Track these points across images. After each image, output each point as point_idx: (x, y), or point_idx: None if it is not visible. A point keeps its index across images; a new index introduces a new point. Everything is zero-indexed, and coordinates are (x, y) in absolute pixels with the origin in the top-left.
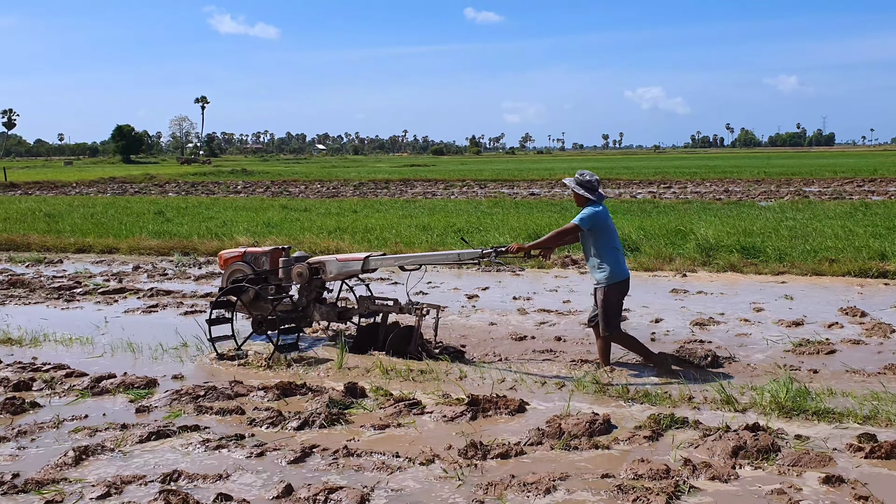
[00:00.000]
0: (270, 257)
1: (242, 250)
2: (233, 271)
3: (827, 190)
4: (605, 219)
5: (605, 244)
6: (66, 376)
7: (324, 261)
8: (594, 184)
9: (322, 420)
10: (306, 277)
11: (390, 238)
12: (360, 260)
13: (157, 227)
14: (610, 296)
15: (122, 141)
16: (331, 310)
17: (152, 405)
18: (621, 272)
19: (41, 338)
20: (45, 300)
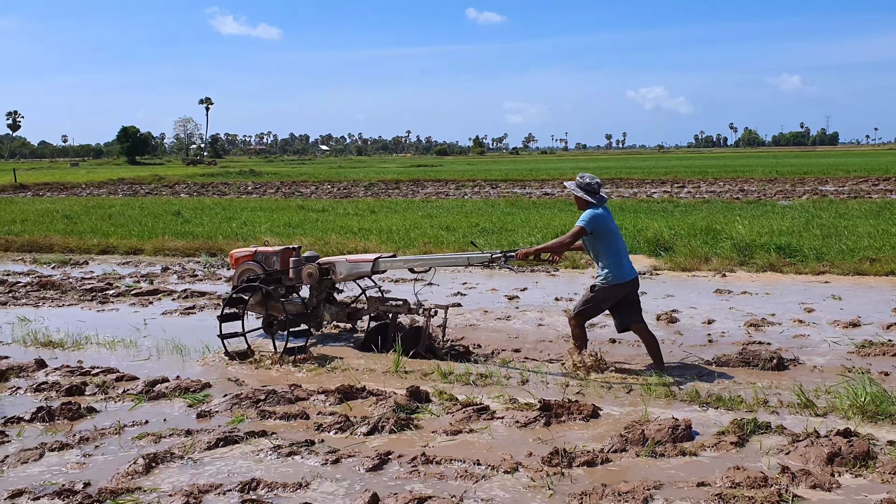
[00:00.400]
0: (281, 257)
1: (253, 249)
2: (243, 270)
3: (842, 189)
4: (605, 221)
5: (605, 247)
6: (116, 380)
7: (334, 261)
8: (594, 186)
9: (392, 425)
10: (317, 278)
11: (417, 238)
12: (370, 261)
13: (178, 228)
14: (600, 294)
15: (127, 142)
16: (341, 310)
17: (213, 410)
18: (621, 275)
19: (83, 340)
20: (78, 302)
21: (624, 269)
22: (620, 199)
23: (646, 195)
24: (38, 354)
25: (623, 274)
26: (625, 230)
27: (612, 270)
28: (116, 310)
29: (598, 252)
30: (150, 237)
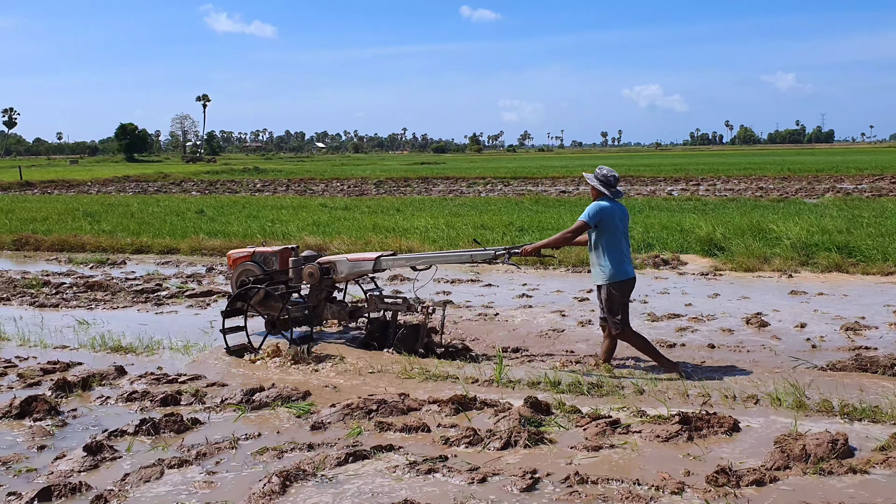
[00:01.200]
0: (280, 257)
1: (252, 250)
2: (242, 271)
3: (860, 187)
4: (612, 216)
5: (606, 242)
6: (206, 386)
7: (335, 260)
8: (611, 179)
9: (525, 440)
10: (317, 277)
11: (455, 237)
12: (372, 260)
13: (207, 227)
14: (612, 294)
15: (125, 139)
16: (342, 309)
17: (324, 421)
18: (623, 272)
19: (154, 345)
20: (132, 304)
21: (625, 266)
22: (641, 197)
23: (665, 193)
24: (113, 360)
25: (625, 272)
26: (666, 229)
27: (614, 267)
28: (175, 312)
29: (599, 247)
30: (182, 236)
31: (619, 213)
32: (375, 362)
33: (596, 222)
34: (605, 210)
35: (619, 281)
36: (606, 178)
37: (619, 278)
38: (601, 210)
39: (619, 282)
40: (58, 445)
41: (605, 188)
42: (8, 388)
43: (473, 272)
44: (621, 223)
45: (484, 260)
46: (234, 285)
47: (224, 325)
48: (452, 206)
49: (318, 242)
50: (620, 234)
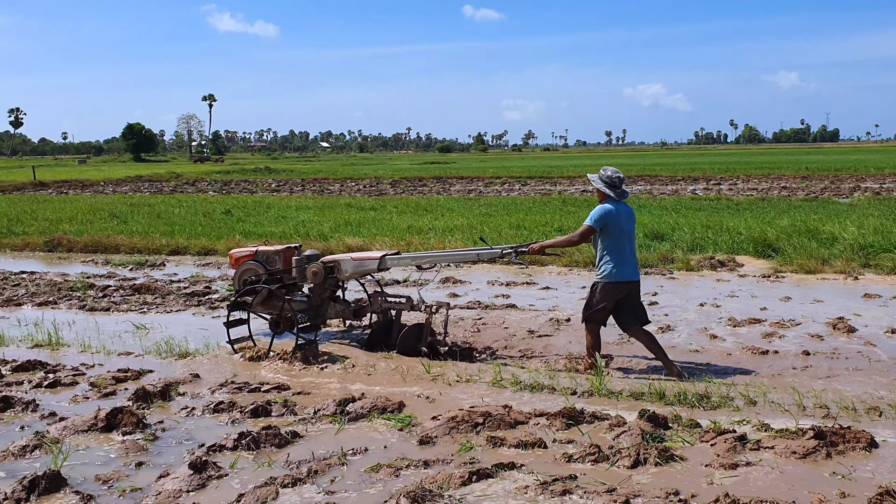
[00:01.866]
0: (283, 256)
1: (254, 249)
2: (244, 270)
3: (885, 186)
4: (617, 218)
5: (609, 244)
6: (293, 395)
7: (339, 259)
8: (616, 180)
9: (655, 457)
10: (321, 276)
11: (497, 238)
12: (377, 259)
13: (239, 227)
14: (601, 292)
15: (132, 139)
16: (346, 308)
17: (431, 435)
18: (620, 274)
19: (220, 350)
20: (185, 307)
21: (625, 269)
22: (665, 197)
23: (689, 193)
24: (186, 368)
25: (622, 273)
26: (710, 229)
27: (612, 268)
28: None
29: (601, 248)
30: (216, 237)
31: (625, 215)
32: (463, 372)
33: (601, 226)
34: (609, 213)
35: (613, 282)
36: (612, 180)
37: (613, 279)
38: (606, 214)
39: (613, 283)
40: (155, 462)
41: (611, 189)
42: (84, 399)
43: (525, 274)
44: (626, 225)
45: (491, 258)
46: (237, 284)
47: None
48: (481, 207)
49: (358, 244)
50: (624, 236)
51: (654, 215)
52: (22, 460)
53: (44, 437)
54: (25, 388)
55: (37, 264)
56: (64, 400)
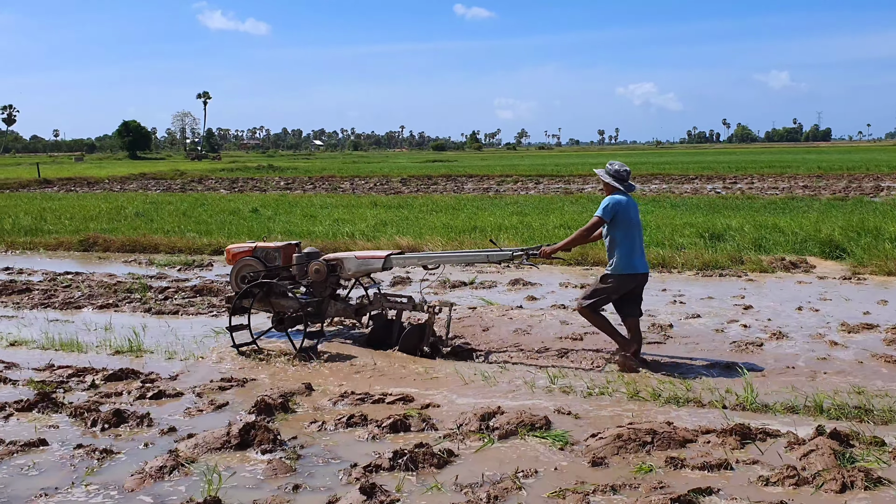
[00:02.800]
0: (283, 253)
1: (253, 245)
2: (242, 267)
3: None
4: (626, 209)
5: (619, 236)
6: (423, 408)
7: (342, 258)
8: (623, 174)
9: (863, 481)
10: (324, 274)
11: (545, 236)
12: (381, 258)
13: (276, 226)
14: (609, 283)
15: (128, 137)
16: (347, 306)
17: (599, 455)
18: (630, 266)
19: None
20: (256, 310)
21: (635, 260)
22: (691, 196)
23: (709, 192)
24: (290, 377)
25: (633, 265)
26: (763, 228)
27: (623, 260)
28: None
29: (611, 240)
30: (255, 236)
31: (633, 207)
32: (598, 383)
33: (611, 217)
34: (620, 204)
35: (626, 274)
36: (619, 174)
37: (626, 271)
38: (616, 204)
39: (625, 275)
40: (310, 484)
41: (619, 183)
42: (198, 411)
43: (593, 275)
44: (635, 216)
45: (500, 260)
46: (234, 281)
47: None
48: (509, 205)
49: (410, 244)
50: (634, 228)
51: (703, 214)
52: (163, 483)
53: (178, 455)
54: (128, 400)
55: (75, 264)
56: (177, 413)
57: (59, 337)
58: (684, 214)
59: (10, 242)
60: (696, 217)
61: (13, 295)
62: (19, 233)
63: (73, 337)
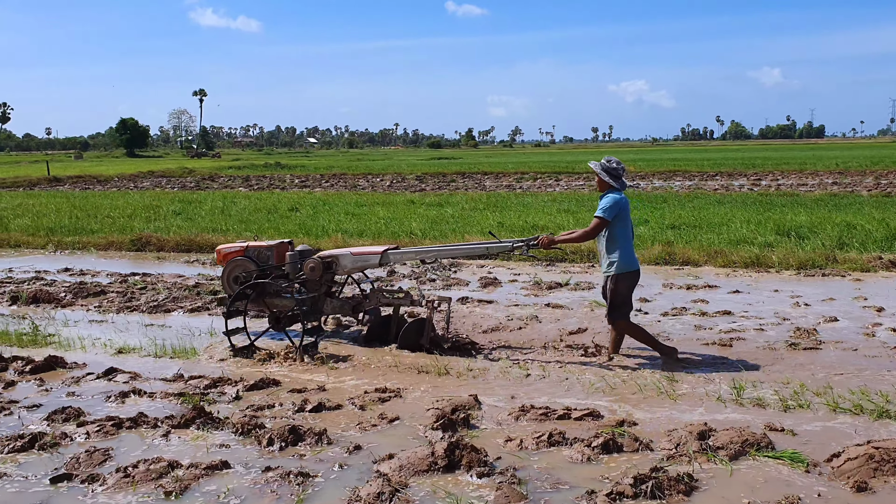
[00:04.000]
0: (276, 251)
1: (245, 244)
2: (233, 267)
3: None
4: (625, 207)
5: (619, 233)
6: (618, 424)
7: (337, 255)
8: (619, 171)
9: None
10: (319, 272)
11: None
12: (378, 254)
13: (330, 226)
14: (620, 285)
15: (126, 134)
16: (344, 304)
17: (858, 479)
18: (631, 263)
19: (446, 367)
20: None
21: (633, 256)
22: (723, 193)
23: (737, 188)
24: (450, 386)
25: (634, 261)
26: (837, 226)
27: (625, 257)
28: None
29: (610, 238)
30: (314, 236)
31: (628, 204)
32: (784, 395)
33: (613, 216)
34: (619, 202)
35: (628, 272)
36: (615, 171)
37: (628, 269)
38: (616, 202)
39: (628, 272)
40: None
41: (614, 180)
42: (372, 426)
43: (692, 276)
44: (629, 214)
45: (500, 252)
46: (225, 282)
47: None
48: (546, 203)
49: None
50: (629, 226)
51: (756, 211)
52: None
53: (389, 480)
54: (287, 413)
55: (133, 264)
56: (349, 428)
57: (167, 343)
58: (741, 211)
59: (57, 242)
60: (754, 214)
61: (90, 298)
62: (64, 232)
63: (184, 343)
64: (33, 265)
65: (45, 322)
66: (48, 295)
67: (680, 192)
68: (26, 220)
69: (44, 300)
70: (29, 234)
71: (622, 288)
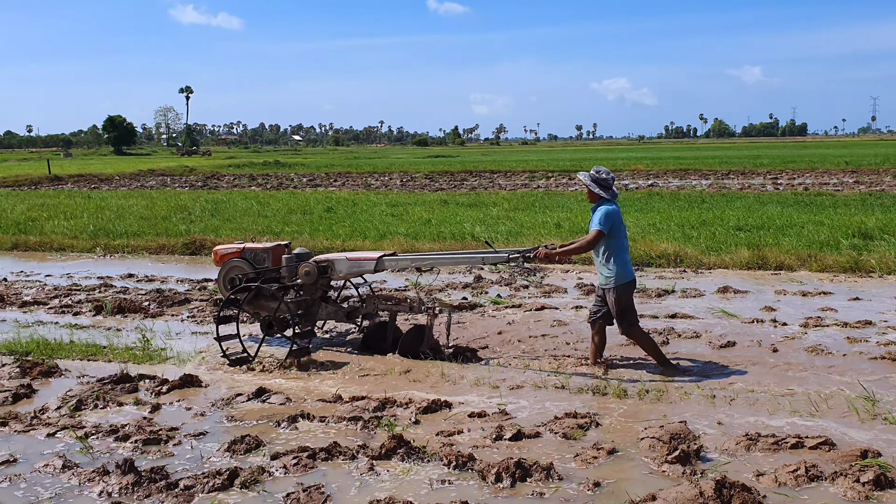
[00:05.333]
0: (272, 254)
1: (241, 246)
2: (230, 269)
3: None
4: (618, 218)
5: (615, 245)
6: (861, 456)
7: (333, 259)
8: (609, 181)
9: None
10: (315, 276)
11: (688, 235)
12: (374, 260)
13: (381, 227)
14: (621, 296)
15: (113, 132)
16: (339, 309)
17: None
18: (628, 273)
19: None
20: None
21: (629, 267)
22: (748, 192)
23: (763, 187)
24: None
25: (630, 271)
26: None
27: (622, 269)
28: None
29: (607, 250)
30: (374, 237)
31: (620, 214)
32: None
33: (609, 229)
34: (613, 214)
35: (625, 283)
36: (605, 182)
37: (625, 280)
38: (610, 215)
39: (625, 283)
40: None
41: (604, 191)
42: (593, 458)
43: (798, 281)
44: (622, 224)
45: (496, 262)
46: (221, 284)
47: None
48: (580, 203)
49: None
50: (623, 237)
51: (812, 212)
52: None
53: None
54: (486, 442)
55: (192, 268)
56: (568, 461)
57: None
58: (794, 212)
59: (104, 245)
60: (810, 215)
61: (175, 306)
62: (106, 234)
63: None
64: (90, 270)
65: (148, 334)
66: (132, 304)
67: (706, 191)
68: (61, 222)
69: (130, 310)
70: (71, 237)
71: (622, 298)
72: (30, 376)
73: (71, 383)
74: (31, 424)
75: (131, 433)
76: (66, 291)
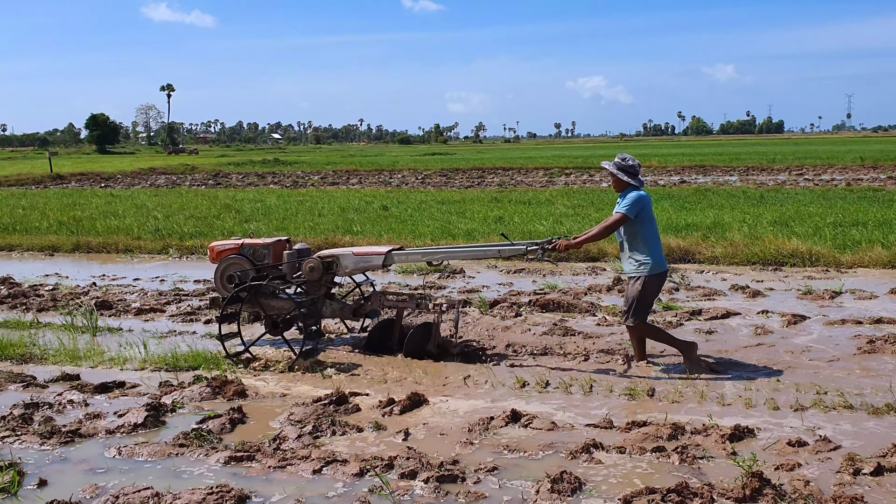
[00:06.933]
0: (273, 250)
1: (239, 242)
2: (227, 265)
3: None
4: (649, 205)
5: (649, 233)
6: None
7: (338, 255)
8: (636, 168)
9: None
10: (319, 272)
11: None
12: (382, 255)
13: (448, 226)
14: (648, 287)
15: (97, 131)
16: (344, 307)
17: None
18: (662, 263)
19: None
20: None
21: (663, 257)
22: (789, 188)
23: (784, 184)
24: None
25: (664, 262)
26: None
27: (655, 258)
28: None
29: (638, 238)
30: (450, 237)
31: (651, 202)
32: None
33: (636, 214)
34: (643, 200)
35: (658, 273)
36: (633, 169)
37: (659, 270)
38: (640, 200)
39: (658, 274)
40: None
41: (632, 178)
42: None
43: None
44: (653, 212)
45: (513, 254)
46: (218, 281)
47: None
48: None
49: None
50: (655, 225)
51: (861, 208)
52: None
53: None
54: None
55: None
56: None
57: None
58: (878, 209)
59: (176, 246)
60: (871, 212)
61: None
62: (170, 235)
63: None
64: (178, 273)
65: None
66: None
67: (743, 186)
68: (111, 222)
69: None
70: (134, 238)
71: (650, 289)
72: (224, 396)
73: (272, 404)
74: (284, 458)
75: (413, 468)
76: (174, 297)
